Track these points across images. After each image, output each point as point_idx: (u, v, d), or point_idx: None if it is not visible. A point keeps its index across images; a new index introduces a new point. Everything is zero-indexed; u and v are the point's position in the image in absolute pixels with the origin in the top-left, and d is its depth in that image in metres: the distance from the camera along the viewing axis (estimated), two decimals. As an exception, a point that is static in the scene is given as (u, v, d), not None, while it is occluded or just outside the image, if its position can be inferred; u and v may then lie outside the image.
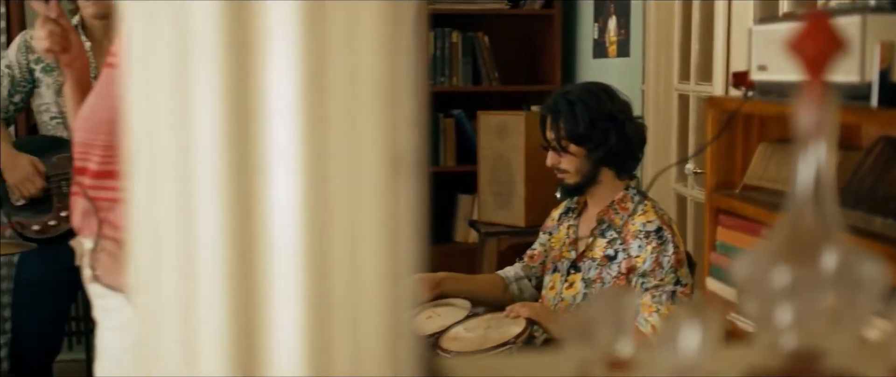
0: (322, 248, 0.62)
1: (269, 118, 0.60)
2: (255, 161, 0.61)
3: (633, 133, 2.73)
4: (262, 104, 0.60)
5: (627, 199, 2.71)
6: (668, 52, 3.66)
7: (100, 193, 1.98)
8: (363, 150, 0.62)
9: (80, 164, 1.99)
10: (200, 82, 0.60)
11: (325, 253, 0.62)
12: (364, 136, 0.62)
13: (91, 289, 2.01)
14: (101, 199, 1.98)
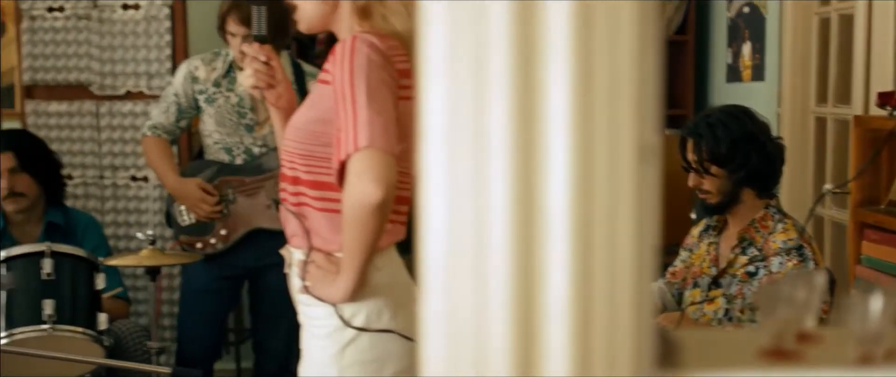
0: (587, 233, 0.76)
1: (548, 117, 0.75)
2: (536, 155, 0.75)
3: (774, 153, 2.81)
4: (543, 101, 0.75)
5: (768, 218, 2.79)
6: (805, 75, 3.72)
7: (308, 202, 2.12)
8: (620, 141, 0.76)
9: (290, 174, 2.13)
10: (493, 82, 0.74)
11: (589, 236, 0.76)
12: (621, 128, 0.76)
13: (299, 298, 2.15)
14: (307, 206, 2.13)
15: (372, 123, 1.93)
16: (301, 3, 2.14)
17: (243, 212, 3.61)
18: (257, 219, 3.60)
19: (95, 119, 4.38)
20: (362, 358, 2.08)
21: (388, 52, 2.02)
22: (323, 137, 2.06)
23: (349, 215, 1.96)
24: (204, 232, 3.63)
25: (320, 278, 2.07)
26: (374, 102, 1.95)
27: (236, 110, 3.59)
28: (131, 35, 4.36)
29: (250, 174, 3.59)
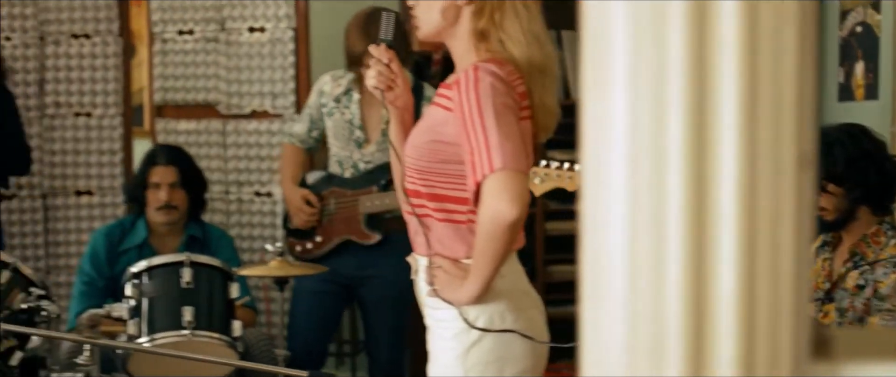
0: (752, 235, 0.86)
1: (719, 128, 0.85)
2: (708, 163, 0.85)
3: (891, 171, 2.86)
4: (714, 114, 0.85)
5: (880, 234, 2.83)
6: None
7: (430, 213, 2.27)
8: (782, 149, 0.85)
9: (412, 187, 2.28)
10: (670, 97, 0.85)
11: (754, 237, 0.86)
12: (783, 138, 0.85)
13: (426, 301, 2.29)
14: (429, 217, 2.27)
15: (503, 146, 2.07)
16: (423, 11, 2.29)
17: (339, 222, 3.80)
18: (349, 231, 3.79)
19: (222, 137, 4.59)
20: (486, 358, 2.21)
21: (507, 78, 2.17)
22: (441, 155, 2.22)
23: (486, 230, 2.10)
24: (304, 236, 3.85)
25: (447, 282, 2.22)
26: (502, 126, 2.09)
27: (348, 126, 3.77)
28: (257, 57, 4.55)
29: (353, 187, 3.78)
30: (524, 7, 2.26)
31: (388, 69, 2.33)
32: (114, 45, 4.65)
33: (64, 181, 4.68)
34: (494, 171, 2.07)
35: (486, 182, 2.09)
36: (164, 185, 3.90)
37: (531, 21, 2.27)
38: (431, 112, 2.29)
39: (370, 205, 3.71)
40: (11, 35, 4.63)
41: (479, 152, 2.09)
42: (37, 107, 4.65)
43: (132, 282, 3.24)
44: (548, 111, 2.29)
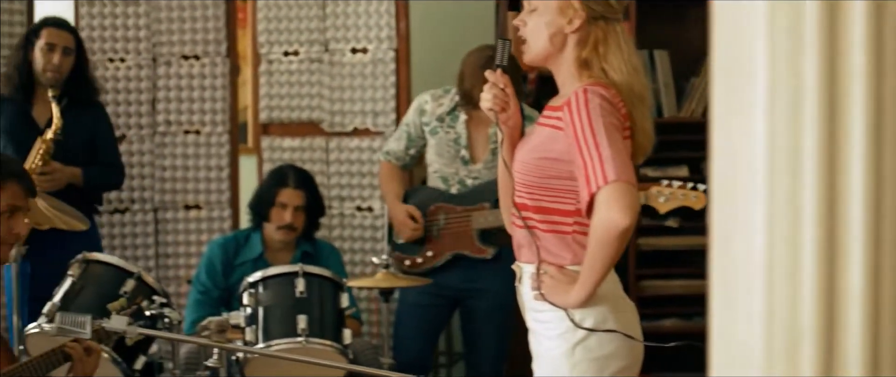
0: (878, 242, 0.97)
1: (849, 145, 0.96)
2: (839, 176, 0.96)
3: None
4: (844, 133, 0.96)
5: None
6: None
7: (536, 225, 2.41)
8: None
9: (520, 201, 2.43)
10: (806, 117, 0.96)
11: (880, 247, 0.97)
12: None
13: (531, 305, 2.43)
14: (536, 229, 2.41)
15: (615, 160, 2.22)
16: (531, 36, 2.44)
17: (450, 237, 3.92)
18: (462, 245, 3.91)
19: (325, 154, 4.75)
20: (590, 356, 2.36)
21: (612, 100, 2.33)
22: (548, 171, 2.38)
23: (599, 237, 2.24)
24: (413, 251, 3.96)
25: (553, 287, 2.37)
26: (612, 142, 2.25)
27: (454, 144, 3.90)
28: (359, 76, 4.71)
29: (462, 203, 3.90)
30: (625, 41, 2.42)
31: (502, 93, 2.47)
32: (222, 66, 4.85)
33: (174, 196, 4.88)
34: (608, 183, 2.21)
35: (599, 193, 2.22)
36: (291, 206, 4.07)
37: (631, 54, 2.43)
38: (539, 131, 2.43)
39: (483, 221, 3.83)
40: (126, 56, 4.86)
41: (593, 166, 2.23)
42: (149, 125, 4.86)
43: (249, 291, 3.42)
44: (646, 135, 2.44)
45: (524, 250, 2.46)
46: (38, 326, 3.29)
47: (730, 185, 1.08)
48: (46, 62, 4.17)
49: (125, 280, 3.42)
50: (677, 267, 4.79)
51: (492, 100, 2.48)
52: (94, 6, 4.84)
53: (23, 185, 2.81)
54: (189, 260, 4.84)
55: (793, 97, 0.97)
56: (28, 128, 4.18)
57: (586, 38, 2.39)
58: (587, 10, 2.38)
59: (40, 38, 4.19)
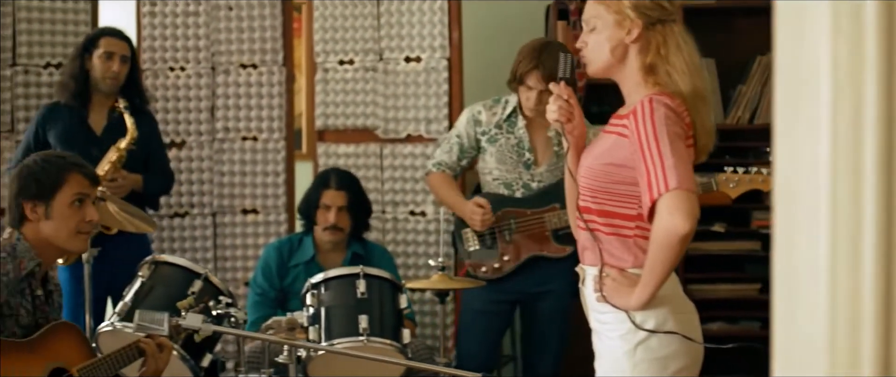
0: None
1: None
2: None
3: None
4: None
5: None
6: None
7: (600, 228, 2.51)
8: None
9: (584, 205, 2.53)
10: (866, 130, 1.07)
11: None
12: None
13: (594, 306, 2.52)
14: (599, 232, 2.50)
15: (677, 168, 2.31)
16: (592, 50, 2.52)
17: (525, 240, 4.00)
18: (540, 247, 4.00)
19: (379, 160, 4.88)
20: (651, 356, 2.44)
21: (677, 109, 2.41)
22: (613, 177, 2.46)
23: (660, 242, 2.33)
24: (488, 257, 4.04)
25: (615, 289, 2.46)
26: (675, 151, 2.34)
27: (516, 149, 3.99)
28: (413, 85, 4.83)
29: (532, 206, 3.98)
30: (684, 41, 2.49)
31: (567, 104, 2.57)
32: (278, 75, 4.99)
33: (231, 200, 5.02)
34: (669, 190, 2.30)
35: (661, 200, 2.31)
36: (334, 207, 4.20)
37: (691, 53, 2.50)
38: (605, 138, 2.52)
39: (557, 221, 3.92)
40: (186, 65, 5.02)
41: (656, 173, 2.32)
42: (208, 131, 5.01)
43: (311, 292, 3.54)
44: (708, 133, 2.52)
45: (588, 253, 2.55)
46: (111, 325, 3.43)
47: (793, 187, 1.17)
48: (106, 70, 4.33)
49: (193, 281, 3.56)
50: (723, 271, 4.86)
51: (557, 111, 2.57)
52: (155, 17, 5.00)
53: (85, 174, 2.96)
54: (246, 262, 4.98)
55: (854, 103, 1.07)
56: (84, 133, 4.34)
57: (647, 44, 2.47)
58: (643, 18, 2.46)
59: (99, 47, 4.34)
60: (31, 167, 2.92)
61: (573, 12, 4.80)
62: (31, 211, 2.89)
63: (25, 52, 4.89)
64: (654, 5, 2.47)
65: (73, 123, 4.35)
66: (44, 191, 2.88)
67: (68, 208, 2.90)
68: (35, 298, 2.87)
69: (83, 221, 2.94)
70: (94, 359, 2.85)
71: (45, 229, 2.89)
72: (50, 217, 2.89)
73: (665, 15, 2.48)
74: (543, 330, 4.13)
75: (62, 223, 2.90)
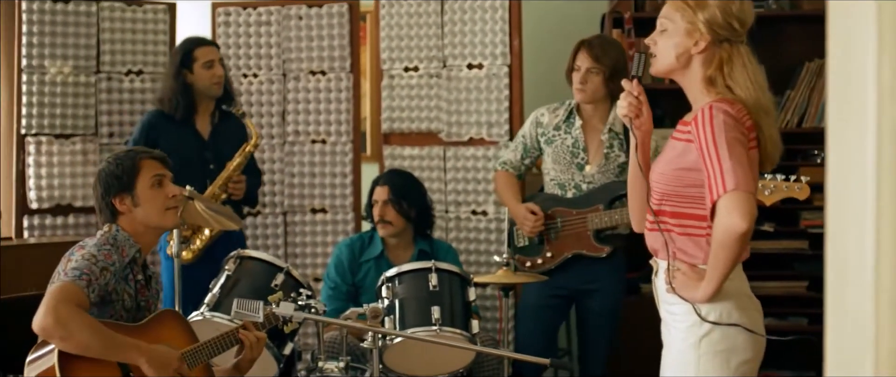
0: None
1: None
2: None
3: None
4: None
5: None
6: None
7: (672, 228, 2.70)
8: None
9: (657, 208, 2.72)
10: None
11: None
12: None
13: (664, 297, 2.72)
14: (671, 232, 2.70)
15: (735, 170, 2.50)
16: (660, 51, 2.72)
17: (568, 238, 4.22)
18: (580, 246, 4.21)
19: (442, 161, 5.12)
20: (715, 347, 2.62)
21: (737, 115, 2.58)
22: (684, 181, 2.65)
23: (720, 240, 2.52)
24: (533, 253, 4.27)
25: (684, 283, 2.65)
26: (733, 154, 2.51)
27: (570, 150, 4.20)
28: (475, 90, 5.06)
29: (578, 207, 4.19)
30: (749, 60, 2.68)
31: (636, 101, 2.77)
32: (346, 81, 5.26)
33: (302, 200, 5.29)
34: (728, 192, 2.49)
35: (720, 200, 2.51)
36: (379, 202, 4.44)
37: (755, 71, 2.67)
38: (674, 145, 2.71)
39: (598, 222, 4.13)
40: (259, 72, 5.29)
41: (715, 176, 2.52)
42: (279, 134, 5.29)
43: (386, 285, 3.79)
44: (774, 144, 2.70)
45: (659, 250, 2.74)
46: (201, 314, 3.70)
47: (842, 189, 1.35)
48: (211, 77, 4.60)
49: (275, 274, 3.82)
50: (773, 269, 5.02)
51: (628, 107, 2.77)
52: (230, 26, 5.27)
53: (154, 157, 3.24)
54: (315, 259, 5.24)
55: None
56: (194, 140, 4.63)
57: (712, 58, 2.66)
58: (712, 34, 2.65)
59: (197, 58, 4.60)
60: (107, 169, 3.19)
61: (627, 21, 5.00)
62: (120, 204, 3.15)
63: (108, 61, 5.19)
64: (725, 24, 2.64)
65: (182, 131, 4.63)
66: (125, 183, 3.15)
67: (151, 190, 3.16)
68: (137, 283, 3.13)
69: (167, 198, 3.20)
70: (197, 344, 3.11)
71: (138, 215, 3.15)
72: (138, 204, 3.15)
73: (733, 35, 2.65)
74: (593, 325, 4.33)
75: (150, 205, 3.16)
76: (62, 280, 2.86)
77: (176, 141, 4.58)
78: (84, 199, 5.13)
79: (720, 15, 2.64)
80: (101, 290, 2.93)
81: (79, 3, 5.14)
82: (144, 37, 5.27)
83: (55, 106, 5.09)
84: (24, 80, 5.05)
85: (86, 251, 2.97)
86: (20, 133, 5.06)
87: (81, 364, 2.82)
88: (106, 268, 2.94)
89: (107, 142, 5.17)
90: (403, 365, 3.75)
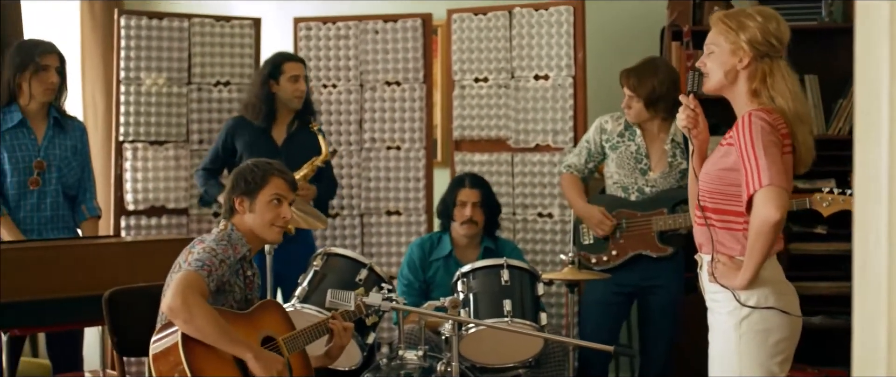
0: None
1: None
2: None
3: None
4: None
5: None
6: None
7: (714, 223, 3.03)
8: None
9: (703, 203, 3.05)
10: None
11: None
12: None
13: (708, 286, 3.05)
14: (714, 226, 3.03)
15: (770, 169, 2.84)
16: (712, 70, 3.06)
17: (632, 239, 4.50)
18: (643, 246, 4.49)
19: (510, 167, 5.41)
20: (754, 328, 2.97)
21: (773, 122, 2.93)
22: (726, 180, 2.99)
23: (755, 229, 2.86)
24: (598, 250, 4.56)
25: (725, 272, 2.99)
26: (768, 155, 2.87)
27: (634, 156, 4.49)
28: (541, 100, 5.34)
29: (642, 209, 4.47)
30: (788, 73, 3.02)
31: (693, 113, 3.10)
32: (419, 91, 5.58)
33: (377, 203, 5.62)
34: (763, 187, 2.84)
35: (756, 194, 2.86)
36: (469, 203, 4.75)
37: (793, 83, 3.02)
38: (719, 149, 3.05)
39: (662, 224, 4.41)
40: (337, 83, 5.64)
41: (752, 173, 2.86)
42: (356, 141, 5.63)
43: (462, 280, 4.12)
44: (808, 149, 3.04)
45: (704, 245, 3.07)
46: (292, 305, 4.04)
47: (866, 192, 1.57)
48: (294, 91, 4.96)
49: (359, 270, 4.16)
50: (825, 270, 5.23)
51: (685, 119, 3.12)
52: (310, 40, 5.63)
53: (285, 180, 3.55)
54: (390, 258, 5.56)
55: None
56: (267, 145, 4.97)
57: (755, 72, 3.00)
58: (754, 51, 3.00)
59: (284, 72, 4.96)
60: (243, 169, 3.53)
61: (686, 33, 5.26)
62: (238, 204, 3.48)
63: (199, 72, 5.57)
64: (764, 42, 2.99)
65: (258, 136, 4.99)
66: (250, 188, 3.48)
67: (267, 205, 3.48)
68: (245, 278, 3.48)
69: (278, 217, 3.50)
70: (294, 332, 3.45)
71: (248, 220, 3.48)
72: (252, 211, 3.47)
73: (773, 51, 3.00)
74: (656, 320, 4.60)
75: (260, 216, 3.47)
76: (186, 269, 3.21)
77: (251, 143, 4.96)
78: (176, 202, 5.52)
79: (760, 34, 2.98)
80: (218, 281, 3.27)
81: (172, 20, 5.54)
82: (231, 50, 5.64)
83: (150, 115, 5.49)
84: (122, 91, 5.45)
85: (205, 245, 3.31)
86: (118, 140, 5.46)
87: (201, 346, 3.17)
88: (223, 260, 3.29)
89: (197, 148, 5.55)
90: (477, 353, 4.07)
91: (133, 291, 3.65)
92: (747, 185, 2.88)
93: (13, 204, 4.58)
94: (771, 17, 3.03)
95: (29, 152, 4.61)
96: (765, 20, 3.01)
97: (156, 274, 3.67)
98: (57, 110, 4.71)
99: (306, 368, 3.44)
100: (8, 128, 4.58)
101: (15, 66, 4.58)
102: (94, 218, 4.85)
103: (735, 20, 3.03)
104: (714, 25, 3.08)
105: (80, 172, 4.81)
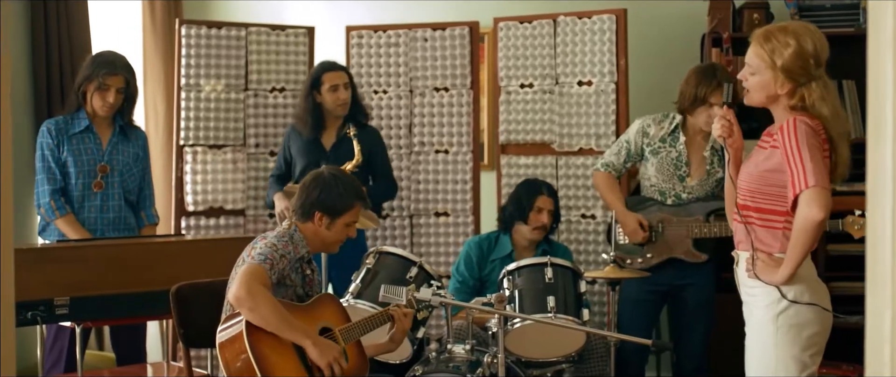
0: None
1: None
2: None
3: None
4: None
5: None
6: None
7: (754, 221, 3.18)
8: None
9: (743, 202, 3.22)
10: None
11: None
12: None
13: (745, 282, 3.21)
14: (753, 225, 3.18)
15: (814, 170, 3.00)
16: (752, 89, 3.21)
17: (667, 242, 4.65)
18: (676, 250, 4.64)
19: (554, 170, 5.58)
20: (790, 322, 3.13)
21: (815, 128, 3.09)
22: (768, 181, 3.15)
23: (800, 227, 3.02)
24: (634, 252, 4.71)
25: (765, 269, 3.15)
26: (813, 157, 3.03)
27: (674, 163, 4.64)
28: (585, 105, 5.51)
29: (679, 215, 4.62)
30: (827, 91, 3.15)
31: (729, 123, 3.27)
32: (466, 96, 5.77)
33: (426, 204, 5.81)
34: (808, 187, 3.00)
35: (802, 195, 3.02)
36: (545, 210, 4.92)
37: (833, 99, 3.16)
38: (760, 151, 3.21)
39: (698, 232, 4.55)
40: (388, 89, 5.85)
41: (798, 174, 3.02)
42: (406, 145, 5.83)
43: (507, 277, 4.31)
44: (844, 163, 3.19)
45: (743, 242, 3.24)
46: (346, 301, 4.25)
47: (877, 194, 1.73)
48: (336, 100, 5.17)
49: (410, 267, 4.36)
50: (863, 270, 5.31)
51: (721, 128, 3.29)
52: (362, 47, 5.85)
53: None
54: (438, 258, 5.76)
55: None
56: (317, 150, 5.21)
57: (794, 94, 3.13)
58: (792, 81, 3.12)
59: (324, 82, 5.18)
60: (331, 187, 3.69)
61: (726, 40, 5.41)
62: (318, 218, 3.67)
63: (255, 79, 5.81)
64: (801, 70, 3.10)
65: (308, 142, 5.23)
66: (335, 210, 3.67)
67: (343, 228, 3.70)
68: (304, 276, 3.70)
69: (346, 236, 3.75)
70: (351, 323, 3.66)
71: (322, 234, 3.68)
72: (330, 229, 3.68)
73: (811, 73, 3.11)
74: (690, 317, 4.73)
75: (334, 236, 3.70)
76: (250, 262, 3.44)
77: (303, 149, 5.22)
78: (234, 203, 5.76)
79: (796, 62, 3.09)
80: (279, 275, 3.49)
81: (230, 29, 5.78)
82: (287, 58, 5.87)
83: (209, 119, 5.74)
84: (183, 97, 5.71)
85: (268, 241, 3.54)
86: (179, 144, 5.72)
87: (264, 335, 3.39)
88: (284, 255, 3.51)
89: (253, 151, 5.79)
90: (522, 348, 4.25)
91: (198, 286, 3.87)
92: (793, 186, 3.04)
93: (77, 205, 4.82)
94: (806, 33, 3.12)
95: (94, 156, 4.85)
96: (801, 42, 3.10)
97: (216, 271, 3.91)
98: (122, 119, 4.94)
99: (361, 357, 3.64)
100: (75, 132, 4.83)
101: (84, 76, 4.82)
102: (151, 225, 5.08)
103: (770, 46, 3.12)
104: (752, 44, 3.20)
105: (141, 179, 5.03)
